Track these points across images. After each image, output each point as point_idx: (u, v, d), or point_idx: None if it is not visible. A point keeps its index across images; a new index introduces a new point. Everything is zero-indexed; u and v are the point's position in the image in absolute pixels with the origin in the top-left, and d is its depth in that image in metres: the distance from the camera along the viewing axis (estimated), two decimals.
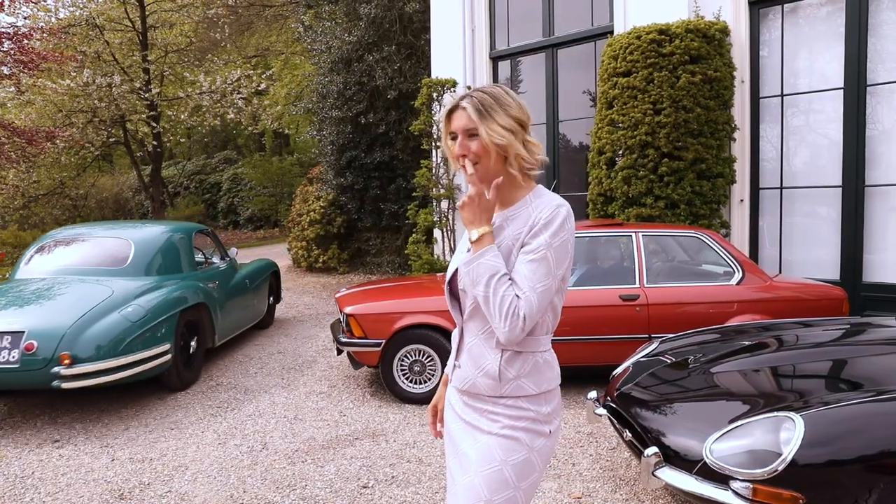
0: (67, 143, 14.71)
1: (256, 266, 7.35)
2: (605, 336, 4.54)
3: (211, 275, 5.97)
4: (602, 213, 6.72)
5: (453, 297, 1.66)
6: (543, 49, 8.07)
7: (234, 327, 6.18)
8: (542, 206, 1.55)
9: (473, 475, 1.55)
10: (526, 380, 1.56)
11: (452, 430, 1.68)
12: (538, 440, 1.57)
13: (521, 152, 1.57)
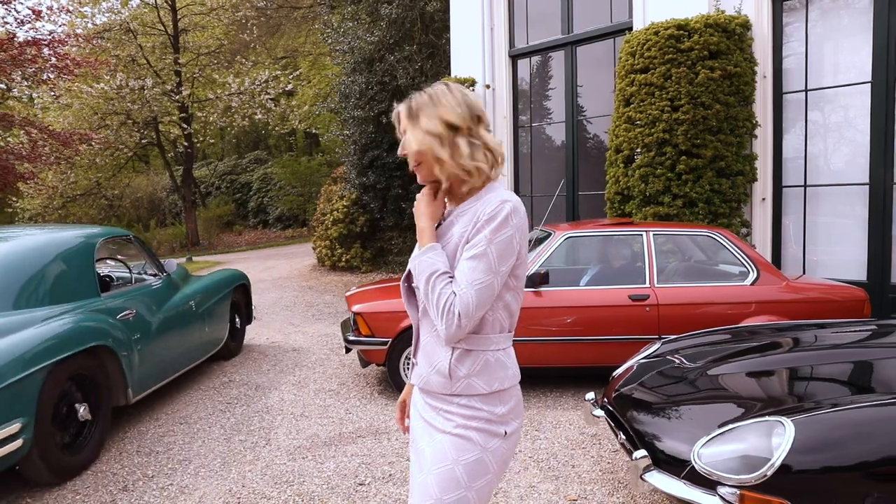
0: (102, 144, 15.13)
1: (211, 281, 5.79)
2: (613, 336, 4.47)
3: (125, 301, 4.23)
4: (619, 211, 6.63)
5: (410, 295, 1.66)
6: (562, 47, 7.99)
7: (167, 368, 4.59)
8: (487, 202, 1.52)
9: (427, 473, 1.55)
10: (476, 378, 1.55)
11: (414, 427, 1.69)
12: (492, 441, 1.56)
13: (442, 156, 1.53)
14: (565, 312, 4.53)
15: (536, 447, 3.74)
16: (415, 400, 1.71)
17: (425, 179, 1.59)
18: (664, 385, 2.99)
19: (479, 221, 1.50)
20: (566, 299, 4.56)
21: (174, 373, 4.76)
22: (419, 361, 1.63)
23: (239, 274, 6.45)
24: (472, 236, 1.50)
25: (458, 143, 1.54)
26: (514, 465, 3.50)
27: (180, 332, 4.87)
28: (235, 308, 6.19)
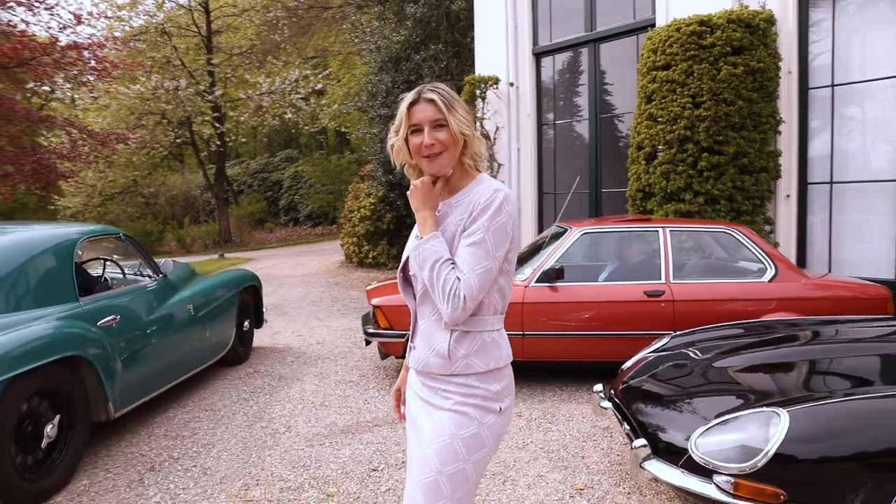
0: (139, 144, 15.59)
1: (216, 282, 5.46)
2: (628, 332, 4.50)
3: (108, 305, 3.86)
4: (641, 208, 6.63)
5: (406, 283, 1.75)
6: (585, 44, 8.00)
7: (159, 379, 4.25)
8: (481, 192, 1.63)
9: (426, 448, 1.64)
10: (474, 358, 1.64)
11: (412, 408, 1.78)
12: (488, 416, 1.65)
13: (477, 144, 1.67)
14: (580, 307, 4.58)
15: (548, 439, 3.81)
16: (411, 382, 1.80)
17: (439, 171, 1.65)
18: (669, 377, 3.04)
19: (476, 210, 1.60)
20: (581, 294, 4.61)
21: (168, 383, 4.38)
22: (417, 345, 1.72)
23: (248, 275, 6.12)
24: (469, 224, 1.60)
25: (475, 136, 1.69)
26: (524, 454, 3.58)
27: (175, 338, 4.48)
28: (244, 311, 5.85)
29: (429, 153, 1.62)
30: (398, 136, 1.67)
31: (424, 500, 1.60)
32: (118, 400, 3.70)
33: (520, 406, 4.40)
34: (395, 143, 1.68)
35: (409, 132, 1.64)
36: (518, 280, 4.73)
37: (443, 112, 1.61)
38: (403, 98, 1.67)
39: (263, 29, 19.54)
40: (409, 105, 1.64)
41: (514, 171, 8.83)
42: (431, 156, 1.62)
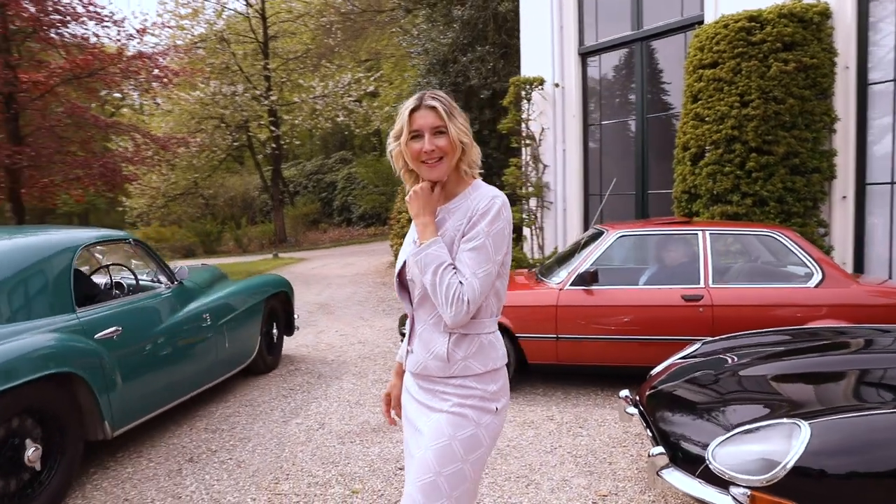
0: (198, 147, 16.23)
1: (240, 289, 5.15)
2: (665, 336, 4.41)
3: (109, 316, 3.60)
4: (686, 210, 6.47)
5: (403, 288, 1.79)
6: (632, 43, 7.86)
7: (167, 394, 4.00)
8: (479, 198, 1.67)
9: (425, 450, 1.67)
10: (473, 360, 1.68)
11: (409, 411, 1.81)
12: (485, 417, 1.69)
13: (474, 151, 1.71)
14: (616, 311, 4.52)
15: (577, 443, 3.78)
16: (408, 386, 1.84)
17: (438, 177, 1.68)
18: (695, 385, 2.97)
19: (475, 216, 1.63)
20: (617, 298, 4.55)
21: (179, 397, 4.13)
22: (415, 349, 1.75)
23: (278, 280, 5.90)
24: (469, 230, 1.63)
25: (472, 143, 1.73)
26: (551, 458, 3.57)
27: (187, 350, 4.22)
28: (273, 318, 5.64)
29: (428, 159, 1.65)
30: (398, 142, 1.70)
31: (424, 500, 1.63)
32: (117, 418, 3.43)
33: (552, 410, 4.38)
34: (394, 149, 1.72)
35: (410, 138, 1.67)
36: (553, 283, 4.71)
37: (443, 119, 1.64)
38: (404, 105, 1.71)
39: (318, 33, 20.01)
40: (410, 111, 1.66)
41: (560, 172, 8.76)
42: (431, 162, 1.65)
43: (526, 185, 8.93)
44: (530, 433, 3.97)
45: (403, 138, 1.68)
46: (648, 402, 3.01)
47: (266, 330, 5.48)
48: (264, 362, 5.44)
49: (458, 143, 1.66)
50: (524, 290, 4.86)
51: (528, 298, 4.71)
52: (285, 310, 5.92)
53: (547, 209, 8.93)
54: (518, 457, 3.61)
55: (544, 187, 8.89)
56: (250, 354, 5.18)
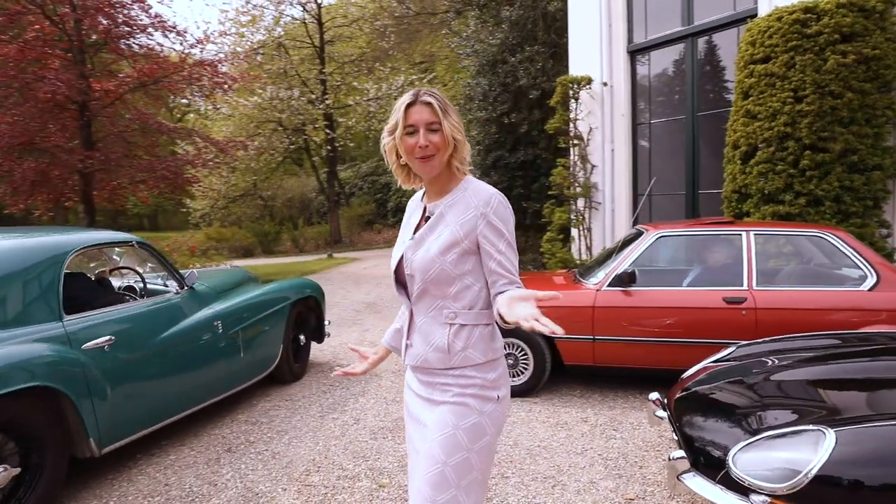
0: (256, 151, 16.78)
1: (263, 294, 4.88)
2: (705, 340, 4.28)
3: (101, 324, 3.37)
4: (737, 210, 6.26)
5: (399, 284, 1.82)
6: (682, 39, 7.66)
7: (169, 406, 3.76)
8: (477, 193, 1.71)
9: (431, 442, 1.70)
10: (472, 350, 1.72)
11: (412, 407, 1.84)
12: (487, 405, 1.72)
13: (462, 148, 1.74)
14: (655, 313, 4.42)
15: (609, 446, 3.73)
16: (409, 382, 1.88)
17: (430, 172, 1.71)
18: (725, 389, 2.88)
19: (487, 212, 1.67)
20: (656, 299, 4.45)
21: (183, 411, 3.88)
22: (414, 342, 1.78)
23: (306, 284, 5.56)
24: (485, 228, 1.67)
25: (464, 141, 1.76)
26: (580, 460, 3.53)
27: (194, 360, 3.98)
28: (301, 324, 5.40)
29: (422, 154, 1.68)
30: (392, 136, 1.72)
31: (433, 493, 1.66)
32: (106, 435, 3.21)
33: (587, 412, 4.33)
34: (388, 143, 1.75)
35: (405, 133, 1.69)
36: (590, 284, 4.65)
37: (438, 116, 1.68)
38: (400, 100, 1.73)
39: (373, 37, 20.35)
40: (406, 106, 1.69)
41: (608, 172, 8.62)
42: (424, 157, 1.69)
43: (574, 186, 8.83)
44: (562, 434, 3.94)
45: (398, 133, 1.70)
46: (676, 406, 2.95)
47: (293, 336, 5.23)
48: (291, 371, 5.17)
49: (451, 140, 1.69)
50: (560, 290, 4.82)
51: (564, 299, 4.67)
52: (315, 315, 5.61)
53: (595, 210, 8.81)
54: (547, 457, 3.59)
55: (592, 188, 8.77)
56: (271, 363, 4.89)
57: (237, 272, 5.41)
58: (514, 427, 4.07)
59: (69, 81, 11.18)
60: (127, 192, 12.76)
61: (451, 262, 1.69)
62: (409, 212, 1.91)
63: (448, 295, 1.72)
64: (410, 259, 1.73)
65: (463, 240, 1.69)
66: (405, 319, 1.83)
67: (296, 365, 5.29)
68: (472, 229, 1.69)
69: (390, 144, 1.74)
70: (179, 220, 28.77)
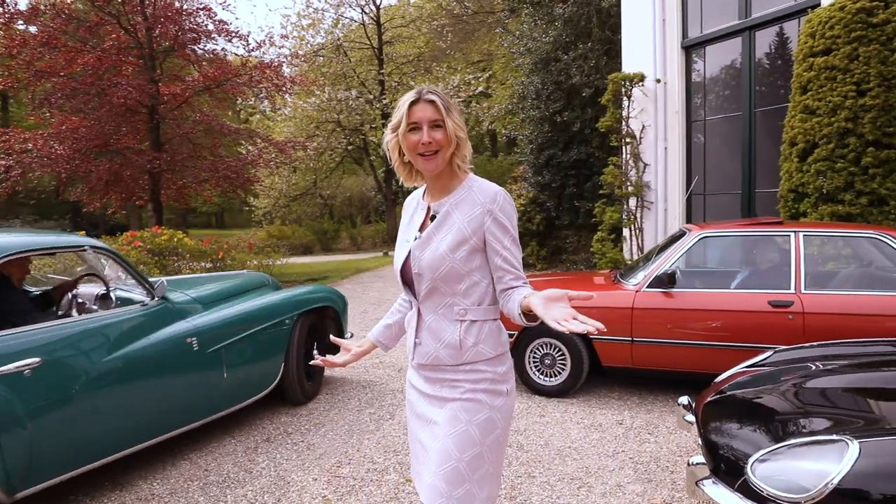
0: (315, 151, 17.24)
1: (261, 305, 4.30)
2: (748, 344, 4.14)
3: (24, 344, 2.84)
4: (793, 211, 6.00)
5: (405, 283, 1.85)
6: (739, 33, 7.39)
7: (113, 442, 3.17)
8: (482, 190, 1.75)
9: (443, 438, 1.73)
10: (483, 345, 1.76)
11: (418, 407, 1.85)
12: (497, 399, 1.76)
13: (464, 147, 1.77)
14: (696, 315, 4.31)
15: (642, 450, 3.67)
16: (413, 381, 1.89)
17: (433, 169, 1.73)
18: (756, 395, 2.79)
19: (493, 209, 1.71)
20: (697, 301, 4.33)
21: (139, 443, 3.30)
22: (423, 341, 1.80)
23: (321, 292, 4.89)
24: (492, 224, 1.71)
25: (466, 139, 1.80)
26: (610, 462, 3.49)
27: (155, 384, 3.38)
28: (317, 337, 4.72)
29: (425, 151, 1.71)
30: (395, 133, 1.76)
31: (448, 488, 1.69)
32: (20, 476, 2.70)
33: (623, 414, 4.27)
34: (391, 140, 1.78)
35: (408, 129, 1.72)
36: (630, 285, 4.57)
37: (441, 113, 1.71)
38: (403, 98, 1.77)
39: (431, 37, 20.52)
40: (409, 104, 1.72)
41: (661, 171, 8.42)
42: (427, 154, 1.72)
43: (625, 185, 8.67)
44: (595, 436, 3.89)
45: (401, 130, 1.73)
46: (704, 411, 2.87)
47: (305, 352, 4.52)
48: (302, 390, 4.51)
49: (453, 138, 1.72)
50: (599, 290, 4.76)
51: (603, 300, 4.61)
52: (336, 327, 4.98)
53: (647, 209, 8.61)
54: (577, 458, 3.57)
55: (644, 187, 8.58)
56: (268, 383, 4.24)
57: (251, 277, 4.92)
58: (548, 427, 4.06)
59: (140, 86, 11.82)
60: (191, 192, 13.35)
61: (460, 259, 1.72)
62: (408, 210, 1.93)
63: (458, 292, 1.75)
64: (418, 258, 1.76)
65: (471, 237, 1.72)
66: (412, 318, 1.85)
67: (308, 384, 4.62)
68: (479, 226, 1.72)
69: (393, 142, 1.77)
70: (244, 219, 29.81)
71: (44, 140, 11.86)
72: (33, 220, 25.16)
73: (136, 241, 8.93)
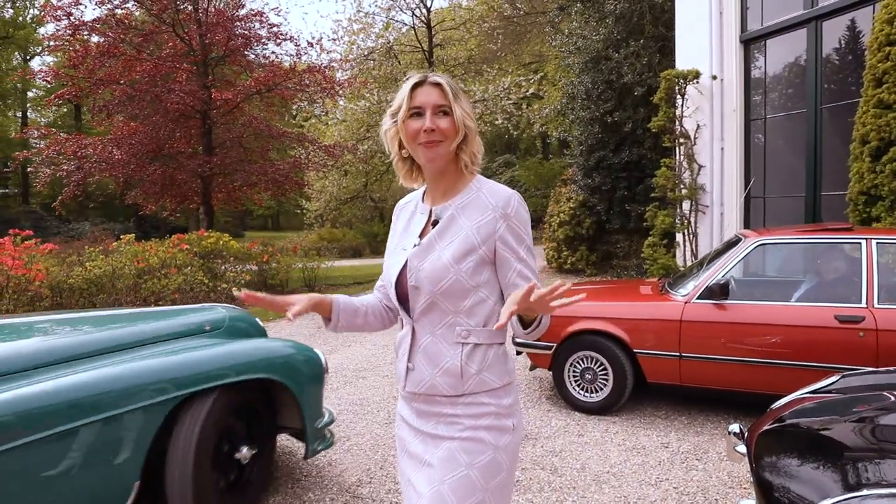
0: (366, 154, 17.27)
1: (113, 379, 2.55)
2: (811, 363, 3.74)
3: None
4: (864, 215, 5.49)
5: (400, 297, 1.59)
6: (805, 23, 6.87)
7: None
8: (494, 193, 1.53)
9: (439, 484, 1.48)
10: (488, 373, 1.52)
11: (410, 445, 1.60)
12: (503, 437, 1.52)
13: (472, 139, 1.55)
14: (750, 330, 3.93)
15: (688, 478, 3.34)
16: (402, 413, 1.64)
17: (435, 160, 1.51)
18: (820, 428, 2.45)
19: (508, 213, 1.50)
20: (753, 315, 3.95)
21: None
22: (417, 365, 1.55)
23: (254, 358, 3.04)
24: (506, 232, 1.50)
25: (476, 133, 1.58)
26: (652, 493, 3.18)
27: None
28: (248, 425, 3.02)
29: (428, 139, 1.48)
30: (395, 120, 1.53)
31: None
32: None
33: (669, 436, 3.93)
34: (390, 128, 1.56)
35: (409, 115, 1.50)
36: (679, 296, 4.23)
37: (448, 98, 1.49)
38: (406, 79, 1.54)
39: (482, 39, 20.30)
40: (413, 87, 1.50)
41: (717, 172, 7.94)
42: (430, 143, 1.49)
43: (679, 188, 8.22)
44: (637, 460, 3.58)
45: (402, 115, 1.50)
46: (758, 443, 2.54)
47: (211, 454, 2.72)
48: None
49: (461, 126, 1.50)
50: (645, 301, 4.43)
51: (648, 311, 4.28)
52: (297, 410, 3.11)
53: (702, 213, 8.14)
54: (615, 485, 3.27)
55: (699, 189, 8.11)
56: None
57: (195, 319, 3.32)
58: (586, 449, 3.77)
59: (193, 92, 12.07)
60: (241, 195, 13.55)
61: (466, 271, 1.49)
62: (403, 215, 1.69)
63: (461, 310, 1.51)
64: (417, 268, 1.52)
65: (480, 245, 1.49)
66: (404, 339, 1.60)
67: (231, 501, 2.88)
68: (490, 234, 1.50)
69: (392, 131, 1.55)
70: (299, 221, 30.28)
71: (103, 145, 12.26)
72: (101, 222, 26.30)
73: (182, 243, 9.05)
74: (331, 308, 1.65)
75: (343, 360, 6.07)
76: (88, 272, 7.93)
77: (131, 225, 26.80)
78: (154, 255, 8.63)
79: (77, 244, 11.31)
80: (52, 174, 12.36)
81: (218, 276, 9.16)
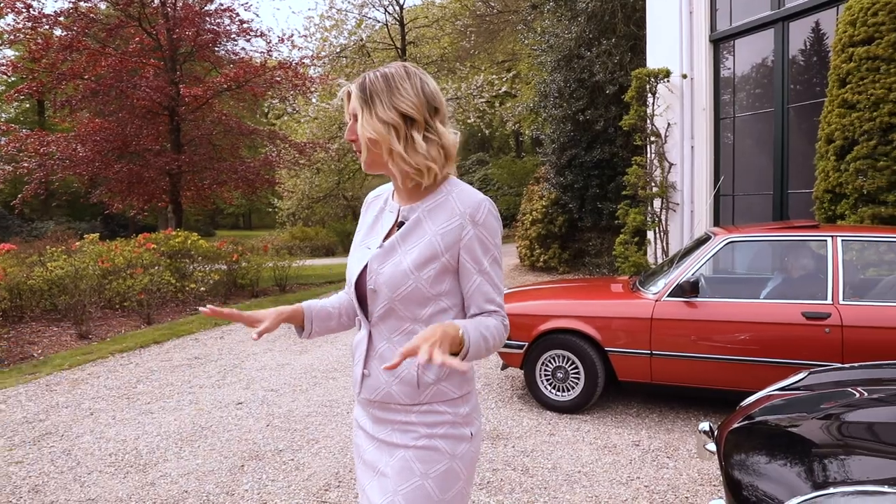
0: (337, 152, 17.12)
1: None
2: (778, 360, 3.78)
3: None
4: (829, 213, 5.58)
5: (359, 297, 1.53)
6: (772, 24, 6.96)
7: None
8: (466, 199, 1.45)
9: (393, 495, 1.43)
10: (447, 383, 1.46)
11: (365, 452, 1.55)
12: (460, 446, 1.46)
13: (397, 149, 1.39)
14: (720, 327, 3.95)
15: (659, 476, 3.33)
16: (359, 419, 1.59)
17: (367, 169, 1.48)
18: (788, 425, 2.45)
19: (476, 220, 1.42)
20: (722, 312, 3.97)
21: None
22: (372, 372, 1.49)
23: None
24: (471, 240, 1.42)
25: (414, 136, 1.41)
26: (623, 491, 3.17)
27: None
28: None
29: (356, 148, 1.46)
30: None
31: None
32: None
33: (640, 434, 3.93)
34: None
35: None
36: (649, 294, 4.24)
37: (354, 107, 1.41)
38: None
39: (455, 37, 20.27)
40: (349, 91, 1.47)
41: (687, 170, 8.02)
42: (358, 151, 1.46)
43: (650, 186, 8.28)
44: (608, 459, 3.57)
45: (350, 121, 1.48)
46: (727, 441, 2.54)
47: None
48: None
49: (378, 137, 1.38)
50: (616, 299, 4.43)
51: (619, 309, 4.28)
52: None
53: (672, 211, 8.21)
54: (586, 485, 3.25)
55: (670, 187, 8.18)
56: None
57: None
58: (557, 448, 3.75)
59: (160, 88, 11.79)
60: (211, 193, 13.29)
61: (427, 279, 1.42)
62: (372, 210, 1.61)
63: (419, 318, 1.45)
64: (377, 271, 1.46)
65: (443, 253, 1.42)
66: (361, 343, 1.53)
67: None
68: (454, 241, 1.42)
69: None
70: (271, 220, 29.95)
71: (66, 142, 11.92)
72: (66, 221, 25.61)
73: (148, 243, 8.83)
74: (303, 317, 1.60)
75: (313, 361, 5.97)
76: (50, 273, 7.69)
77: (98, 224, 26.13)
78: (119, 255, 8.41)
79: (38, 244, 10.95)
80: (12, 172, 11.98)
81: (186, 276, 8.96)
